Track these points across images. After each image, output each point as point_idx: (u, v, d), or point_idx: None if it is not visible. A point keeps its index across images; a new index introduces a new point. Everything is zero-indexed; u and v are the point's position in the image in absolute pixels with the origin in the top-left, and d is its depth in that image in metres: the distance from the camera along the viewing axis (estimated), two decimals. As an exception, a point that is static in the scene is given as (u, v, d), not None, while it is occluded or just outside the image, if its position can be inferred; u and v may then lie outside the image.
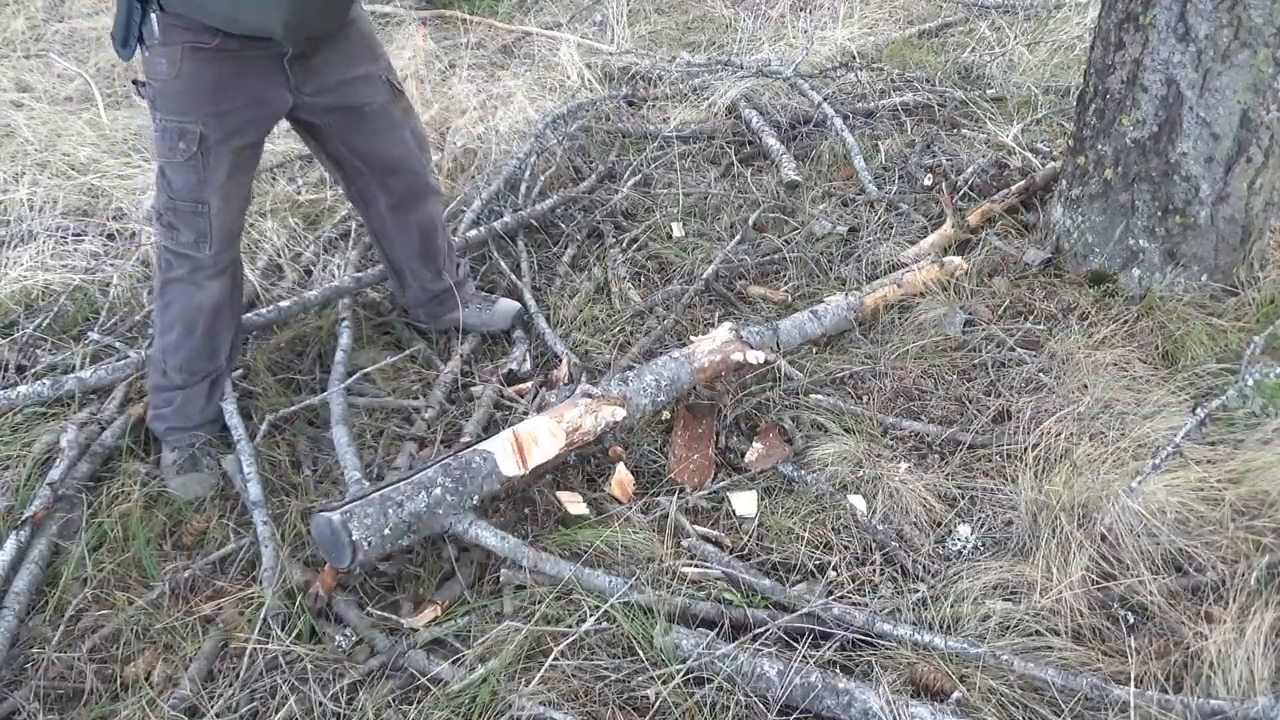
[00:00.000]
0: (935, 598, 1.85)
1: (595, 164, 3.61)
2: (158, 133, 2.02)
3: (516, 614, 1.84)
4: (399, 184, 2.39)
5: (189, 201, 2.04)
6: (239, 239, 2.23)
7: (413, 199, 2.44)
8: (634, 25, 4.98)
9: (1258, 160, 2.46)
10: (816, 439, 2.28)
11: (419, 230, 2.50)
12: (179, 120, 1.97)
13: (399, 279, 2.65)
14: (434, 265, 2.58)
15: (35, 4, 5.15)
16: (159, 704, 1.72)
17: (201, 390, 2.26)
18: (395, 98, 2.29)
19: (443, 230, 2.59)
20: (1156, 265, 2.64)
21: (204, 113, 1.97)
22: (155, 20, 1.90)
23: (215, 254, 2.11)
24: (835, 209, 3.27)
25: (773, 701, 1.66)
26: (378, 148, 2.30)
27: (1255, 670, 1.65)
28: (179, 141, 1.98)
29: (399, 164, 2.36)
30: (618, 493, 2.14)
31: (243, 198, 2.15)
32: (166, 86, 1.96)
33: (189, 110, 1.96)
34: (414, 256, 2.56)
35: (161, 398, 2.27)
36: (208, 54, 1.92)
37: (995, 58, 4.31)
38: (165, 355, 2.22)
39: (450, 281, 2.63)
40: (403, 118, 2.33)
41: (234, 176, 2.07)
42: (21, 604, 1.91)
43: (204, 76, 1.93)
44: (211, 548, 2.08)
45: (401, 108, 2.33)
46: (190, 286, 2.15)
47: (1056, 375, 2.39)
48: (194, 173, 2.01)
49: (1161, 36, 2.43)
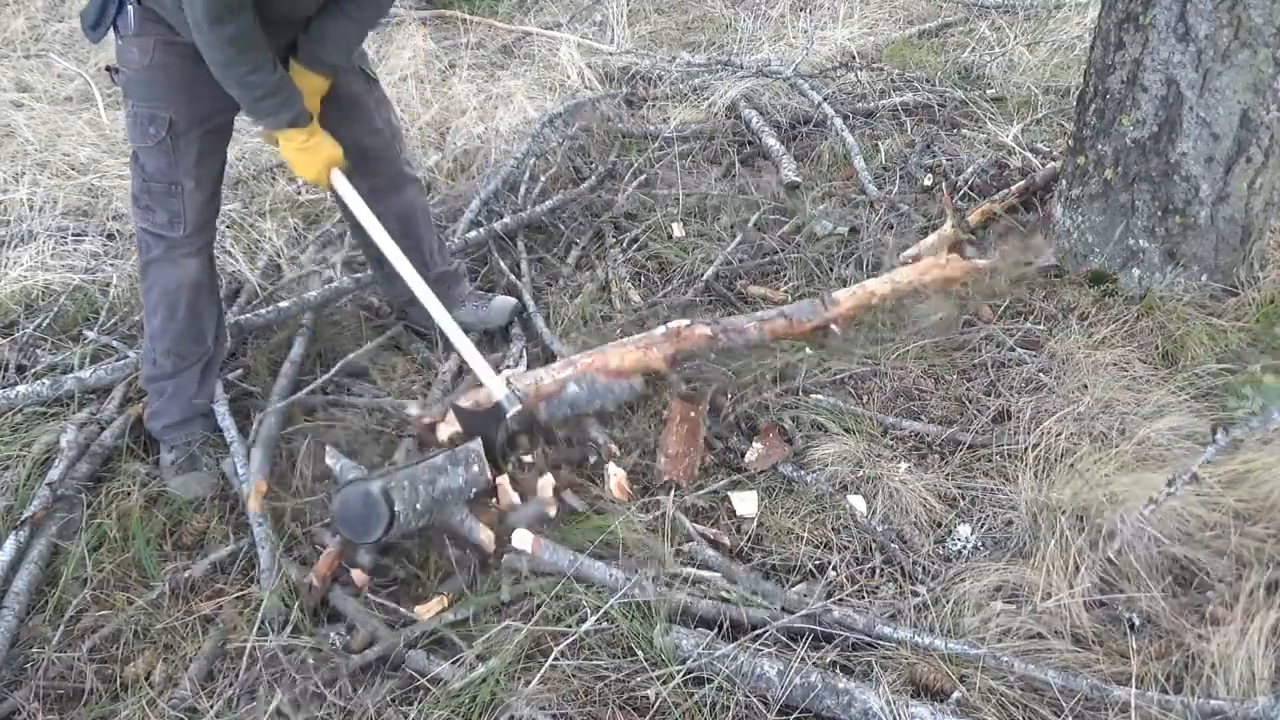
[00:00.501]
0: (935, 599, 1.85)
1: (595, 164, 3.61)
2: (129, 118, 2.08)
3: (516, 603, 1.85)
4: (374, 171, 2.40)
5: (162, 183, 2.09)
6: (214, 220, 2.26)
7: (389, 186, 2.45)
8: (634, 25, 4.98)
9: (1258, 160, 2.46)
10: (816, 439, 2.28)
11: (397, 218, 2.45)
12: (149, 107, 2.03)
13: (382, 271, 2.56)
14: (418, 255, 2.52)
15: (35, 4, 5.15)
16: (159, 704, 1.72)
17: (193, 376, 2.27)
18: (369, 86, 2.34)
19: (424, 220, 2.58)
20: (1156, 265, 2.64)
21: (174, 101, 2.02)
22: (131, 11, 1.96)
23: (189, 234, 2.15)
24: (835, 209, 3.27)
25: (772, 702, 1.66)
26: (351, 135, 2.29)
27: (1255, 670, 1.65)
28: (149, 126, 2.04)
29: (372, 151, 2.37)
30: (618, 494, 2.14)
31: (214, 177, 2.19)
32: (138, 75, 2.02)
33: (159, 98, 2.02)
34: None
35: (155, 389, 2.28)
36: (180, 47, 1.98)
37: (995, 58, 4.31)
38: (154, 343, 2.25)
39: (437, 271, 2.60)
40: (376, 107, 2.37)
41: (204, 158, 2.12)
42: (21, 604, 1.91)
43: (175, 68, 1.99)
44: (211, 548, 2.08)
45: (375, 97, 2.37)
46: (169, 265, 2.19)
47: (1056, 375, 2.39)
48: (164, 156, 2.06)
49: (1161, 36, 2.43)
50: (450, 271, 2.69)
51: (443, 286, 2.63)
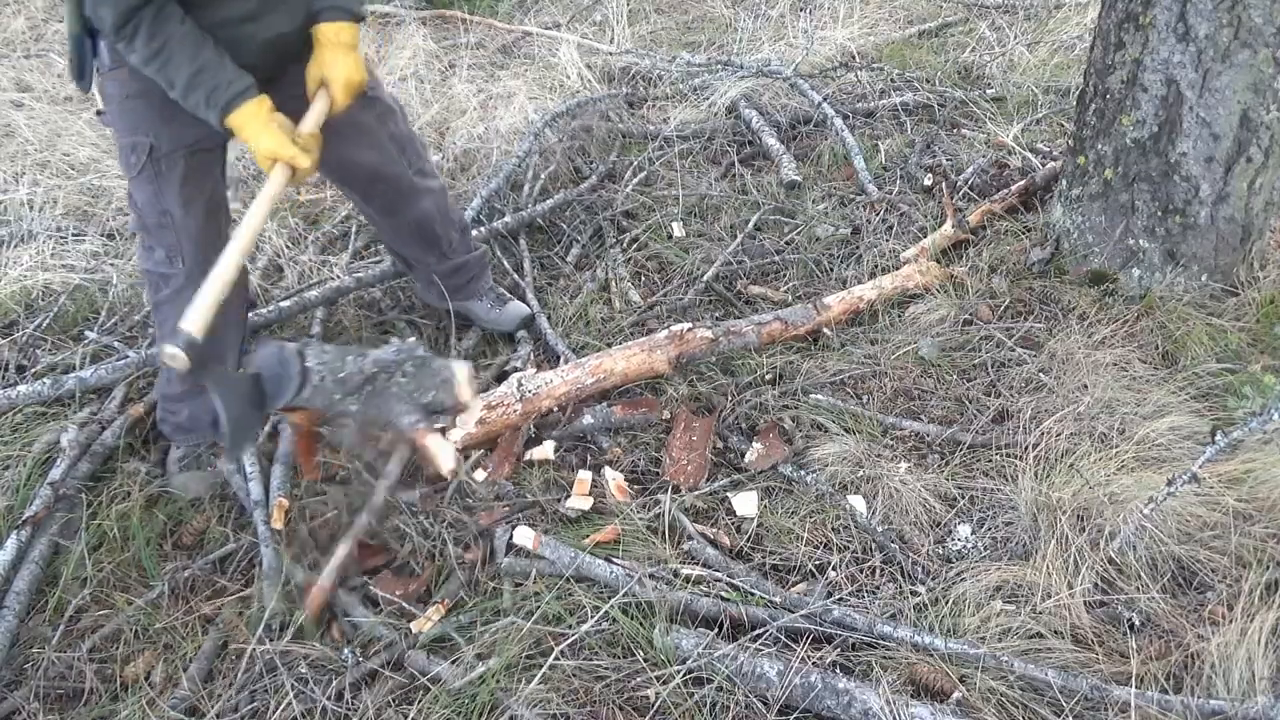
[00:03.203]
0: (935, 599, 1.85)
1: (595, 164, 3.61)
2: (119, 153, 2.03)
3: (517, 608, 1.85)
4: (381, 190, 2.37)
5: (153, 214, 2.04)
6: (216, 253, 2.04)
7: (400, 202, 2.42)
8: (634, 25, 4.98)
9: (1258, 160, 2.46)
10: (816, 439, 2.28)
11: (412, 228, 2.51)
12: (131, 136, 1.98)
13: (408, 267, 2.71)
14: (437, 250, 2.59)
15: (35, 4, 5.15)
16: (159, 704, 1.72)
17: (208, 400, 2.25)
18: (365, 105, 2.17)
19: (442, 220, 2.55)
20: (1156, 265, 2.64)
21: (152, 124, 1.96)
22: (104, 47, 1.90)
23: (189, 270, 2.06)
24: (835, 209, 3.28)
25: (772, 702, 1.66)
26: (352, 157, 2.24)
27: (1255, 670, 1.65)
28: (131, 155, 1.99)
29: (376, 171, 2.31)
30: (618, 495, 2.14)
31: (205, 205, 2.07)
32: (119, 107, 1.97)
33: (139, 125, 1.96)
34: (414, 247, 2.59)
35: (169, 407, 2.27)
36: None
37: (995, 58, 4.31)
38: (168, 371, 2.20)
39: (454, 262, 2.62)
40: (376, 124, 2.26)
41: (190, 182, 2.03)
42: (21, 604, 1.91)
43: (154, 92, 1.89)
44: (211, 548, 2.08)
45: (375, 114, 2.25)
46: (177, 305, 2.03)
47: (1056, 375, 2.39)
48: (150, 184, 2.01)
49: (1161, 36, 2.43)
50: (466, 261, 2.66)
51: (460, 278, 2.66)
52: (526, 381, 2.33)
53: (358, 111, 2.18)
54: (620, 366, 2.40)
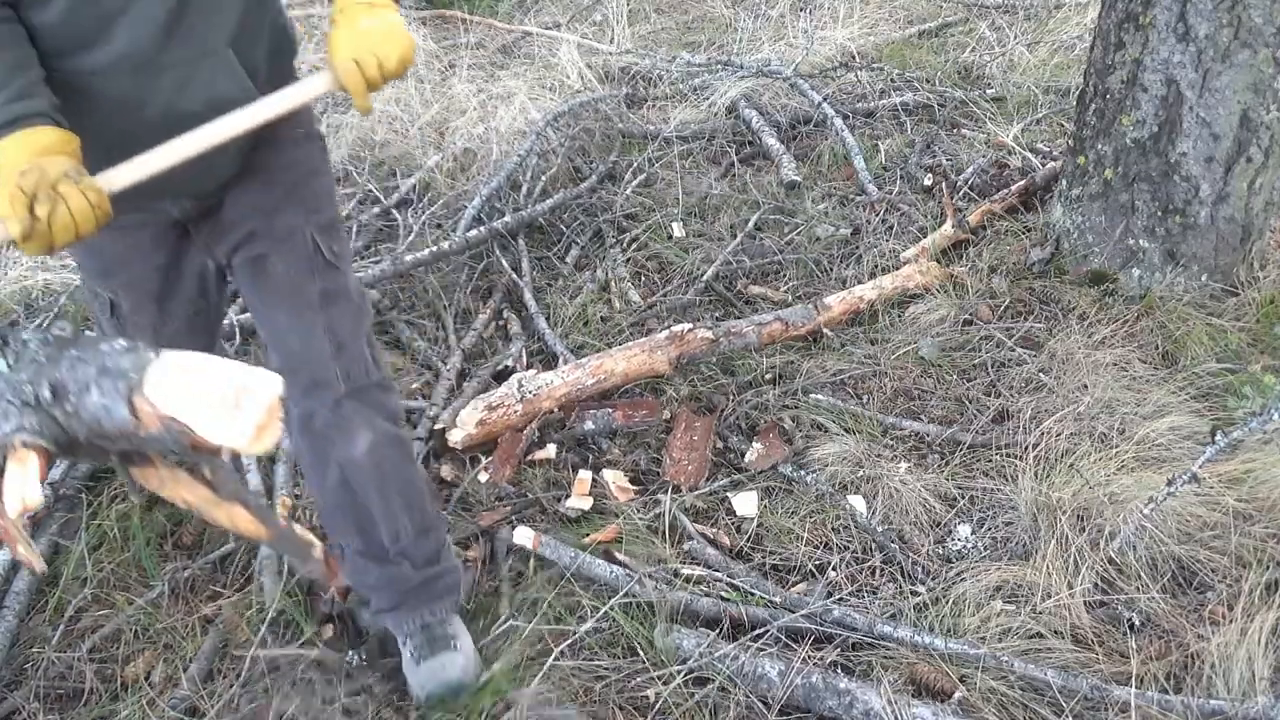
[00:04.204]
0: (935, 599, 1.85)
1: (595, 164, 3.61)
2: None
3: (518, 610, 1.85)
4: (298, 391, 1.60)
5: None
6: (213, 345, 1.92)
7: (325, 425, 1.61)
8: (634, 25, 4.98)
9: (1258, 160, 2.46)
10: (816, 439, 2.28)
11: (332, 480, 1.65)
12: (93, 285, 1.78)
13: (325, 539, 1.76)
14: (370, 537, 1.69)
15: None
16: (159, 704, 1.72)
17: None
18: (316, 269, 1.61)
19: (385, 493, 1.66)
20: (1156, 265, 2.64)
21: (112, 283, 1.72)
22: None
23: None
24: (835, 209, 3.28)
25: (773, 702, 1.66)
26: (273, 324, 1.63)
27: (1255, 670, 1.65)
28: (95, 302, 1.81)
29: (298, 360, 1.60)
30: (618, 495, 2.14)
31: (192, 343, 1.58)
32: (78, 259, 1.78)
33: (98, 280, 1.74)
34: (328, 513, 1.72)
35: None
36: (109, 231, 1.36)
37: (995, 58, 4.31)
38: None
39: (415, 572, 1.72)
40: (320, 301, 1.60)
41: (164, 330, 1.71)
42: (21, 604, 1.91)
43: (108, 251, 1.63)
44: (211, 548, 2.08)
45: (321, 289, 1.60)
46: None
47: (1056, 375, 2.39)
48: (118, 331, 1.77)
49: (1161, 36, 2.43)
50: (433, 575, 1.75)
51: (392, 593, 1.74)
52: (527, 382, 2.33)
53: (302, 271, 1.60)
54: (620, 367, 2.41)
